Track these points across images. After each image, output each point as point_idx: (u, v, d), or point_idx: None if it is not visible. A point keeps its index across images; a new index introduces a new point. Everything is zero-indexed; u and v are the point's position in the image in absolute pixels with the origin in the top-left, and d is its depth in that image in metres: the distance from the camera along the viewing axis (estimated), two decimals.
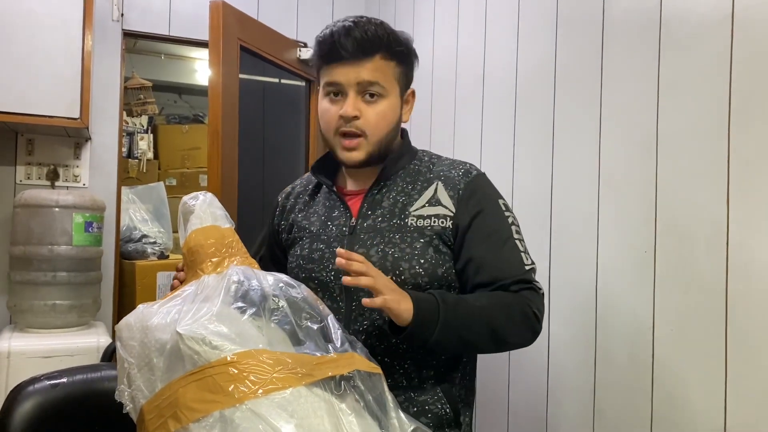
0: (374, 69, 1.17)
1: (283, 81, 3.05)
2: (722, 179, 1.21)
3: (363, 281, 1.00)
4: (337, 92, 1.19)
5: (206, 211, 1.13)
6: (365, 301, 0.99)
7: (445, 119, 2.31)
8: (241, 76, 2.55)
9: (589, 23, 1.58)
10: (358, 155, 1.20)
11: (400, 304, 1.02)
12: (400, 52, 1.21)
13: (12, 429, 1.12)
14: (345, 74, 1.17)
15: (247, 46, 2.56)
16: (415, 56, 1.25)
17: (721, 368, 1.20)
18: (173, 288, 1.14)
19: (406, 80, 1.25)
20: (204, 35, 2.44)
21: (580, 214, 1.60)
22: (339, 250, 1.02)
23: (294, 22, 3.05)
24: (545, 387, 1.72)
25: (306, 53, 2.89)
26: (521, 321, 1.12)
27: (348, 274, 1.02)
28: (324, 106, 1.22)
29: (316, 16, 3.07)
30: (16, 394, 1.17)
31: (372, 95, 1.18)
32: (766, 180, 1.13)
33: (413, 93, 1.28)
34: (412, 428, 0.96)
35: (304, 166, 3.06)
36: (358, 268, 1.01)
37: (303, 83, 3.07)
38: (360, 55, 1.16)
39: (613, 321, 1.49)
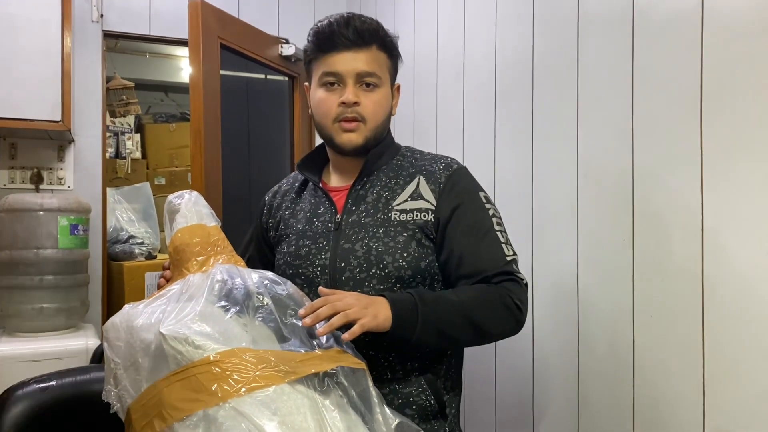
0: (371, 59, 1.22)
1: (266, 77, 3.05)
2: (696, 167, 1.23)
3: (336, 323, 0.99)
4: (334, 82, 1.22)
5: (191, 209, 1.14)
6: (345, 336, 0.99)
7: (428, 113, 2.32)
8: (224, 73, 2.55)
9: (565, 14, 1.59)
10: (357, 138, 1.23)
11: (377, 318, 1.03)
12: (392, 46, 1.27)
13: None
14: (344, 63, 1.21)
15: (228, 45, 2.55)
16: (400, 54, 1.31)
17: (699, 352, 1.23)
18: (160, 287, 1.15)
19: (395, 73, 1.30)
20: (186, 34, 2.43)
21: (560, 204, 1.61)
22: (300, 311, 1.01)
23: (275, 18, 3.05)
24: (530, 376, 1.74)
25: (288, 50, 2.88)
26: (502, 313, 1.14)
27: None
28: (320, 95, 1.24)
29: (298, 12, 3.07)
30: (5, 398, 1.18)
31: (369, 85, 1.22)
32: (738, 166, 1.15)
33: (399, 88, 1.33)
34: (396, 422, 0.96)
35: (290, 161, 3.06)
36: (325, 313, 1.00)
37: (286, 79, 3.07)
38: (359, 43, 1.21)
39: (594, 309, 1.51)
